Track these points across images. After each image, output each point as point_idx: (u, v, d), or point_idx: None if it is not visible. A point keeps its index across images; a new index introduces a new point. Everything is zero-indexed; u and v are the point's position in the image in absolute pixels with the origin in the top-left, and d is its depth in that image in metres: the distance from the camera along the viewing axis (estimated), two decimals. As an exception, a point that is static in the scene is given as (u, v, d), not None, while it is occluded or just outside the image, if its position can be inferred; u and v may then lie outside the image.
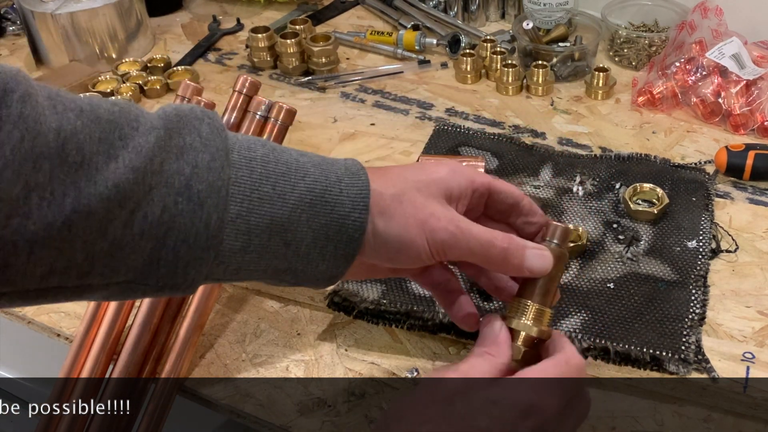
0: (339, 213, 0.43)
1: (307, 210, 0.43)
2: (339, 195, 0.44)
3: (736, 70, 0.88)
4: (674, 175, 0.79)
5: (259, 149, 0.43)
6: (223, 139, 0.41)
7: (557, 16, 1.05)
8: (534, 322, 0.46)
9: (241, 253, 0.42)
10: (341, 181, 0.44)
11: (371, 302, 0.64)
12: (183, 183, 0.39)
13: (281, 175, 0.43)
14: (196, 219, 0.39)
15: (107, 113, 0.39)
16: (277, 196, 0.42)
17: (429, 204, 0.46)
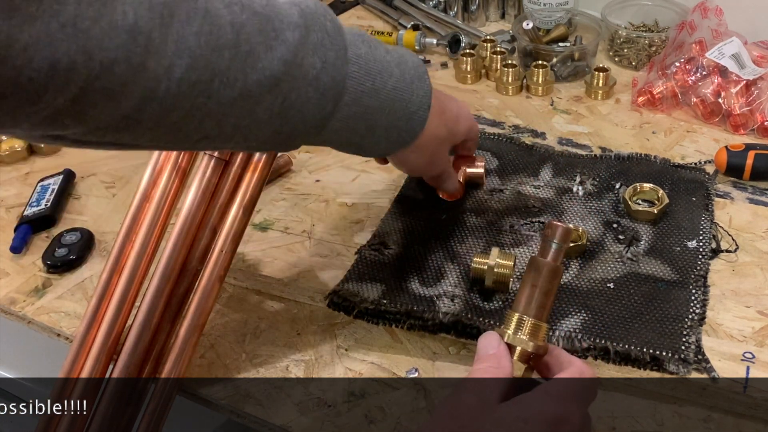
0: (409, 110, 0.55)
1: (389, 105, 0.53)
2: (411, 95, 0.55)
3: (736, 70, 0.88)
4: (674, 175, 0.79)
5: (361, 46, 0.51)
6: (342, 36, 0.49)
7: (557, 16, 1.05)
8: (530, 337, 0.47)
9: (340, 132, 0.52)
10: (413, 82, 0.55)
11: (371, 302, 0.64)
12: (314, 75, 0.47)
13: (378, 73, 0.52)
14: (317, 106, 0.49)
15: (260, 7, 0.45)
16: (374, 91, 0.52)
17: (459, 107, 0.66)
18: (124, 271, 0.60)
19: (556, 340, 0.61)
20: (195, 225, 0.61)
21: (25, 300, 0.70)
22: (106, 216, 0.79)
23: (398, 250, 0.71)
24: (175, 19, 0.40)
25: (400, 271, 0.68)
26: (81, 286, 0.71)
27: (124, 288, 0.60)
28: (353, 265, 0.69)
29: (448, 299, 0.65)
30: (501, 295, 0.66)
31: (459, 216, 0.75)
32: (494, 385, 0.44)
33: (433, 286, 0.66)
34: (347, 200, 0.79)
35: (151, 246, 0.61)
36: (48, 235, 0.77)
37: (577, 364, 0.46)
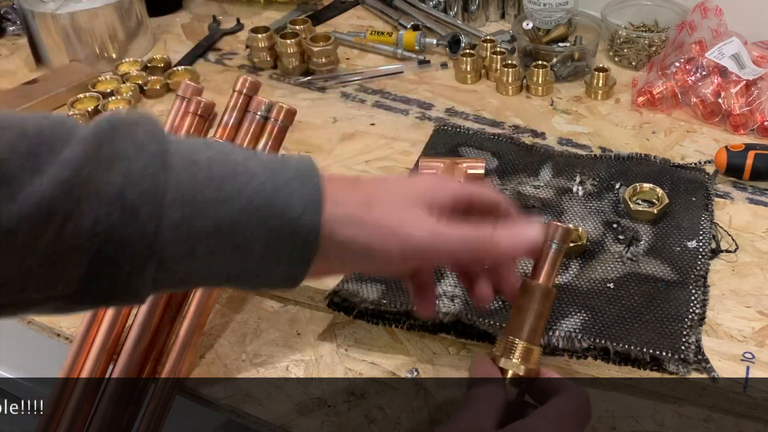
0: (289, 216, 0.41)
1: (255, 213, 0.41)
2: (289, 197, 0.41)
3: (736, 70, 0.88)
4: (674, 175, 0.79)
5: (202, 152, 0.41)
6: (160, 143, 0.39)
7: (557, 16, 1.05)
8: (522, 361, 0.47)
9: (188, 259, 0.40)
10: (291, 183, 0.42)
11: (371, 302, 0.64)
12: (114, 193, 0.37)
13: (227, 177, 0.41)
14: (131, 229, 0.38)
15: (35, 127, 0.37)
16: (222, 199, 0.40)
17: (405, 211, 0.45)
18: (124, 271, 0.60)
19: (556, 340, 0.61)
20: (195, 225, 0.60)
21: (25, 300, 0.70)
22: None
23: (398, 250, 0.71)
24: None
25: (400, 271, 0.68)
26: (81, 286, 0.71)
27: (124, 288, 0.60)
28: (353, 265, 0.69)
29: (448, 299, 0.65)
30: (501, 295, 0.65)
31: (459, 216, 0.75)
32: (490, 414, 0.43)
33: (433, 286, 0.66)
34: (347, 200, 0.79)
35: (151, 246, 0.61)
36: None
37: (571, 387, 0.46)
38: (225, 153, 0.42)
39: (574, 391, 0.45)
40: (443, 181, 0.48)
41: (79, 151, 0.37)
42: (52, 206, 0.36)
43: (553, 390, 0.46)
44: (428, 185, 0.47)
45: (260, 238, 0.41)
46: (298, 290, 0.68)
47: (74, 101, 0.98)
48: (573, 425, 0.44)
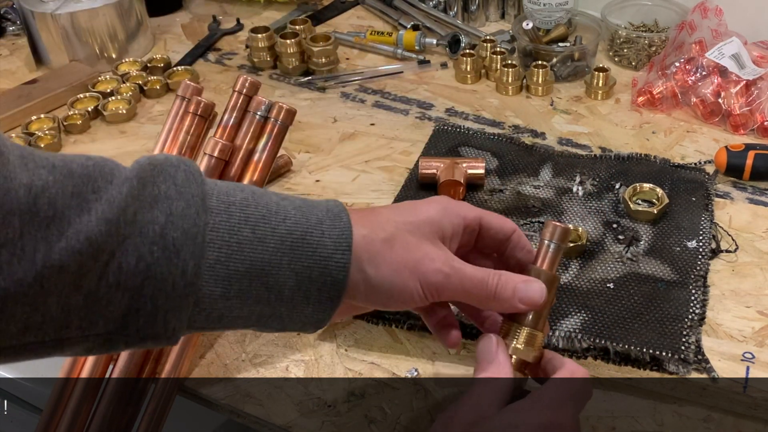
0: (321, 255, 0.43)
1: (288, 253, 0.42)
2: (321, 237, 0.43)
3: (736, 70, 0.88)
4: (674, 175, 0.79)
5: (238, 194, 0.43)
6: (199, 184, 0.41)
7: (557, 16, 1.05)
8: (526, 345, 0.47)
9: (222, 299, 0.41)
10: (322, 223, 0.44)
11: (371, 302, 0.64)
12: (157, 232, 0.39)
13: (261, 218, 0.42)
14: (172, 267, 0.39)
15: (80, 168, 0.39)
16: (257, 240, 0.41)
17: (422, 246, 0.46)
18: (124, 271, 0.60)
19: (556, 340, 0.61)
20: (195, 225, 0.60)
21: (25, 300, 0.70)
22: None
23: (398, 250, 0.71)
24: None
25: (400, 271, 0.68)
26: (81, 286, 0.71)
27: (124, 288, 0.60)
28: (353, 265, 0.69)
29: (448, 299, 0.65)
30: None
31: (459, 216, 0.75)
32: (494, 401, 0.44)
33: (433, 286, 0.66)
34: (347, 200, 0.79)
35: (151, 246, 0.61)
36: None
37: (569, 365, 0.46)
38: (258, 195, 0.43)
39: (572, 369, 0.45)
40: (454, 207, 0.49)
41: (124, 190, 0.39)
42: (99, 243, 0.37)
43: (552, 368, 0.46)
44: (441, 210, 0.48)
45: (291, 278, 0.42)
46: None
47: (74, 101, 0.98)
48: (569, 406, 0.44)
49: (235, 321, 0.43)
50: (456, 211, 0.49)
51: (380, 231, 0.46)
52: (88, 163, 0.39)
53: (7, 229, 0.35)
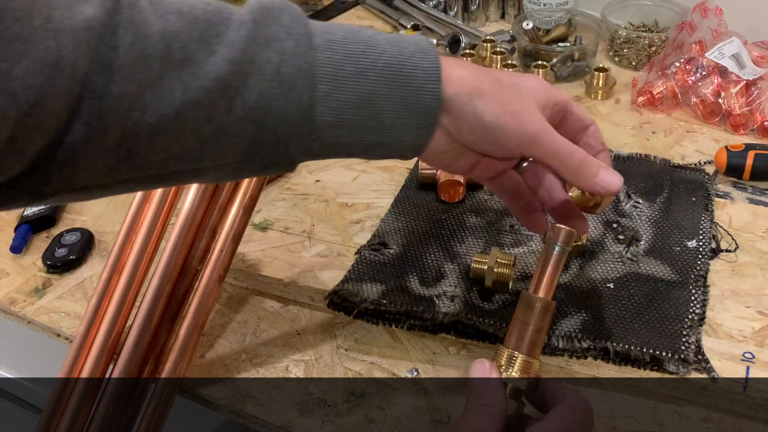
0: (415, 85, 0.47)
1: (387, 84, 0.46)
2: (414, 69, 0.47)
3: (736, 70, 0.88)
4: (674, 175, 0.79)
5: (337, 32, 0.46)
6: (304, 25, 0.45)
7: (557, 16, 1.05)
8: (521, 373, 0.46)
9: (334, 127, 0.45)
10: (414, 55, 0.47)
11: (371, 302, 0.64)
12: (273, 69, 0.43)
13: (361, 53, 0.46)
14: (289, 100, 0.43)
15: (203, 13, 0.42)
16: (359, 73, 0.45)
17: (524, 100, 0.50)
18: (124, 271, 0.61)
19: (556, 340, 0.61)
20: (195, 225, 0.61)
21: (25, 300, 0.70)
22: (106, 216, 0.79)
23: (398, 250, 0.71)
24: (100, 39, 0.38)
25: (400, 271, 0.68)
26: (81, 286, 0.71)
27: (124, 288, 0.60)
28: (353, 265, 0.69)
29: (447, 299, 0.65)
30: (501, 295, 0.66)
31: (459, 216, 0.75)
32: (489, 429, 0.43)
33: (432, 286, 0.66)
34: (347, 200, 0.79)
35: (151, 246, 0.61)
36: (48, 235, 0.77)
37: (570, 397, 0.45)
38: (354, 32, 0.47)
39: (573, 401, 0.45)
40: (548, 85, 0.53)
41: (242, 33, 0.43)
42: (225, 81, 0.42)
43: (552, 398, 0.46)
44: (537, 86, 0.52)
45: (392, 108, 0.47)
46: (298, 290, 0.68)
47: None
48: None
49: (344, 147, 0.47)
50: (549, 89, 0.52)
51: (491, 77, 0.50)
52: (208, 8, 0.43)
53: (149, 72, 0.39)
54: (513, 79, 0.51)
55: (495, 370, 0.46)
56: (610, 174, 0.50)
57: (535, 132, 0.49)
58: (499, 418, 0.44)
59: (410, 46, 0.48)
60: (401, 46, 0.47)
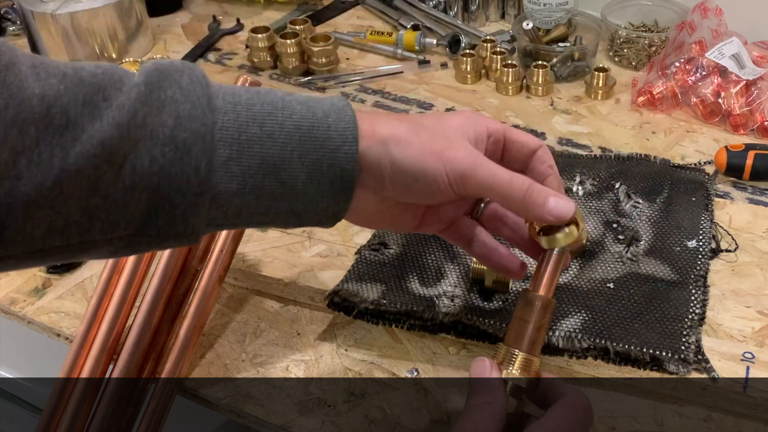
0: (329, 147, 0.44)
1: (297, 147, 0.43)
2: (327, 130, 0.44)
3: (736, 70, 0.88)
4: (674, 175, 0.79)
5: (243, 94, 0.44)
6: (203, 87, 0.42)
7: (557, 16, 1.05)
8: (521, 371, 0.46)
9: (238, 195, 0.42)
10: (328, 116, 0.44)
11: (371, 302, 0.64)
12: (167, 134, 0.40)
13: (268, 114, 0.43)
14: (185, 166, 0.40)
15: (90, 76, 0.40)
16: (265, 136, 0.43)
17: (448, 138, 0.47)
18: (124, 271, 0.61)
19: (556, 340, 0.61)
20: (195, 225, 0.61)
21: (25, 300, 0.70)
22: (106, 216, 0.79)
23: (398, 250, 0.71)
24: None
25: (400, 271, 0.68)
26: (81, 286, 0.71)
27: (124, 288, 0.60)
28: (353, 265, 0.69)
29: (448, 299, 0.65)
30: (501, 295, 0.66)
31: (459, 216, 0.75)
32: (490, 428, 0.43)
33: (433, 286, 0.66)
34: (347, 200, 0.79)
35: (151, 246, 0.61)
36: (48, 235, 0.77)
37: (570, 394, 0.45)
38: (262, 93, 0.45)
39: (573, 398, 0.45)
40: (479, 117, 0.50)
41: (132, 96, 0.40)
42: (112, 147, 0.39)
43: (552, 396, 0.46)
44: (466, 119, 0.49)
45: (303, 172, 0.44)
46: (298, 290, 0.68)
47: (74, 101, 0.98)
48: None
49: (253, 217, 0.44)
50: (481, 120, 0.49)
51: (407, 122, 0.47)
52: (97, 71, 0.40)
53: (24, 138, 0.37)
54: (436, 120, 0.48)
55: (495, 368, 0.46)
56: (559, 200, 0.46)
57: (464, 167, 0.45)
58: (499, 416, 0.44)
59: (324, 106, 0.45)
60: (314, 107, 0.45)
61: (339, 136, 0.44)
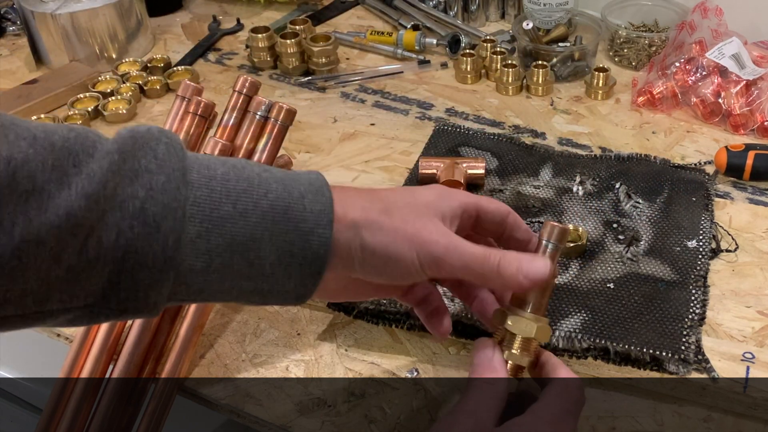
0: (303, 230, 0.42)
1: (269, 228, 0.42)
2: (302, 212, 0.42)
3: (736, 70, 0.88)
4: (674, 175, 0.79)
5: (219, 167, 0.42)
6: (180, 158, 0.40)
7: (557, 16, 1.05)
8: (521, 351, 0.47)
9: (203, 273, 0.41)
10: (304, 197, 0.43)
11: (371, 302, 0.64)
12: (137, 206, 0.38)
13: (242, 192, 0.41)
14: (152, 241, 0.38)
15: (62, 140, 0.38)
16: (238, 214, 0.41)
17: (421, 219, 0.45)
18: (124, 271, 0.60)
19: (556, 340, 0.61)
20: (195, 225, 0.60)
21: (25, 300, 0.70)
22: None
23: (398, 250, 0.71)
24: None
25: (400, 271, 0.68)
26: (81, 286, 0.71)
27: (124, 288, 0.60)
28: (353, 265, 0.69)
29: (447, 299, 0.65)
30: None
31: (459, 216, 0.75)
32: (491, 407, 0.44)
33: (433, 286, 0.66)
34: (347, 200, 0.79)
35: (151, 246, 0.61)
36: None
37: (562, 373, 0.46)
38: (239, 168, 0.43)
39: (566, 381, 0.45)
40: (451, 191, 0.49)
41: (104, 164, 0.38)
42: (78, 218, 0.37)
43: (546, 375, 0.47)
44: (438, 195, 0.48)
45: (272, 253, 0.42)
46: (298, 290, 0.68)
47: (74, 101, 0.98)
48: (568, 421, 0.44)
49: (215, 295, 0.43)
50: (453, 195, 0.48)
51: (378, 203, 0.46)
52: (69, 135, 0.39)
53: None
54: (407, 198, 0.47)
55: (497, 349, 0.47)
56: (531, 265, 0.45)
57: (439, 252, 0.44)
58: (500, 396, 0.44)
59: (301, 185, 0.43)
60: (291, 186, 0.43)
61: (314, 219, 0.43)
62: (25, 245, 0.35)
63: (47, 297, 0.38)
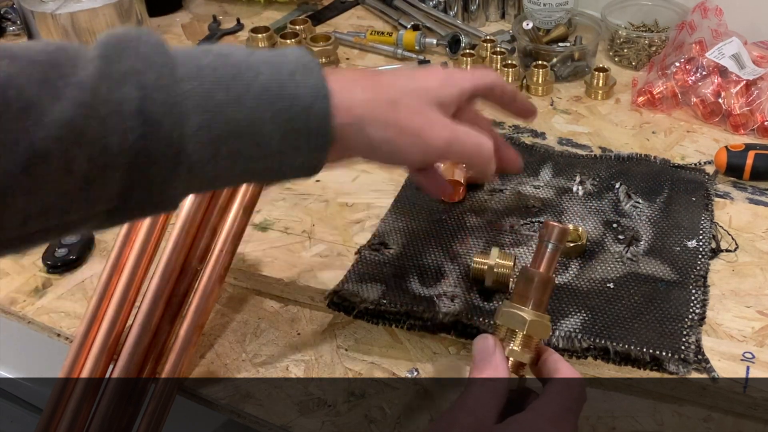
0: (301, 105, 0.43)
1: (268, 108, 0.42)
2: (296, 88, 0.43)
3: (736, 70, 0.88)
4: (674, 175, 0.79)
5: (205, 57, 0.42)
6: (165, 53, 0.41)
7: (557, 16, 1.05)
8: (522, 348, 0.47)
9: (213, 161, 0.42)
10: (295, 74, 0.44)
11: (371, 302, 0.64)
12: (135, 107, 0.39)
13: (233, 78, 0.42)
14: (157, 140, 0.39)
15: (43, 54, 0.38)
16: (233, 100, 0.41)
17: (424, 113, 0.48)
18: (124, 271, 0.61)
19: (556, 340, 0.61)
20: (195, 225, 0.61)
21: (25, 300, 0.70)
22: (106, 216, 0.79)
23: (398, 250, 0.71)
24: None
25: (400, 271, 0.68)
26: (81, 286, 0.71)
27: (124, 288, 0.60)
28: (353, 265, 0.69)
29: (448, 299, 0.65)
30: (501, 295, 0.66)
31: (459, 216, 0.75)
32: (492, 404, 0.43)
33: (433, 286, 0.66)
34: (347, 200, 0.79)
35: (151, 246, 0.61)
36: (48, 235, 0.77)
37: (564, 371, 0.46)
38: (225, 55, 0.43)
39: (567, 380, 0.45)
40: (453, 77, 0.52)
41: (90, 71, 0.38)
42: (78, 127, 0.37)
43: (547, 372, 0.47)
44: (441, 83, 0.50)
45: (277, 132, 0.43)
46: (298, 290, 0.68)
47: (74, 101, 0.98)
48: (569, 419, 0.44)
49: (230, 180, 0.45)
50: (454, 82, 0.51)
51: (383, 92, 0.47)
52: (48, 48, 0.39)
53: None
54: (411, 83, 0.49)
55: (498, 345, 0.47)
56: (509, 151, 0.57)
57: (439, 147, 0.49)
58: (501, 392, 0.44)
59: (290, 64, 0.44)
60: (279, 65, 0.43)
61: (309, 94, 0.43)
62: (33, 160, 0.36)
63: (68, 208, 0.39)
